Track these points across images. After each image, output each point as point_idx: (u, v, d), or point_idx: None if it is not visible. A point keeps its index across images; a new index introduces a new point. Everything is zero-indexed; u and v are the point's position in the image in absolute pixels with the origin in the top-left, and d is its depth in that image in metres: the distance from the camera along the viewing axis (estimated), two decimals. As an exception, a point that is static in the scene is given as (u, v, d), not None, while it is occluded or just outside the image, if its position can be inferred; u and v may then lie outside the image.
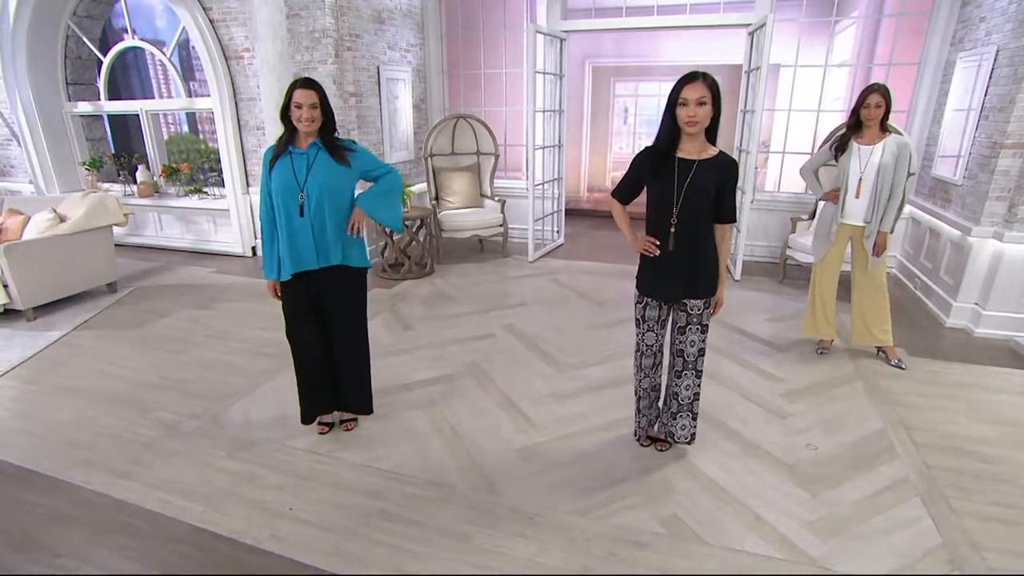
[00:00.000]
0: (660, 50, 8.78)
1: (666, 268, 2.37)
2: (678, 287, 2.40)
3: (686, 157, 2.25)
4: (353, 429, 2.96)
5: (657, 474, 2.60)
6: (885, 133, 3.33)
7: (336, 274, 2.67)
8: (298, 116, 2.45)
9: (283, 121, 2.53)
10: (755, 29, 5.07)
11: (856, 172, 3.37)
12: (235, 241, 6.18)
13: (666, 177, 2.27)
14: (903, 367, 3.58)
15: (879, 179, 3.31)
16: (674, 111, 2.20)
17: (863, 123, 3.33)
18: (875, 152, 3.32)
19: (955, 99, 4.71)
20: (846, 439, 2.84)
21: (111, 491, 2.52)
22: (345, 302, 2.75)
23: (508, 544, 2.20)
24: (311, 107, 2.45)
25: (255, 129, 5.79)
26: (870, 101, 3.25)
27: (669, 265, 2.36)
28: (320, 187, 2.53)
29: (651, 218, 2.38)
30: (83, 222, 4.70)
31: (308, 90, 2.45)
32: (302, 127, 2.47)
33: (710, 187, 2.25)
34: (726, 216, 2.34)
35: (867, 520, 2.30)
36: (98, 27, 6.78)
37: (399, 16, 6.00)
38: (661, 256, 2.35)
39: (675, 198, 2.26)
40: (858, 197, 3.40)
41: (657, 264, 2.38)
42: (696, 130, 2.18)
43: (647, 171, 2.33)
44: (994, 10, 4.30)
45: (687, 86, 2.16)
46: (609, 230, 7.76)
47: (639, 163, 2.36)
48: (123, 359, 3.82)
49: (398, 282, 5.33)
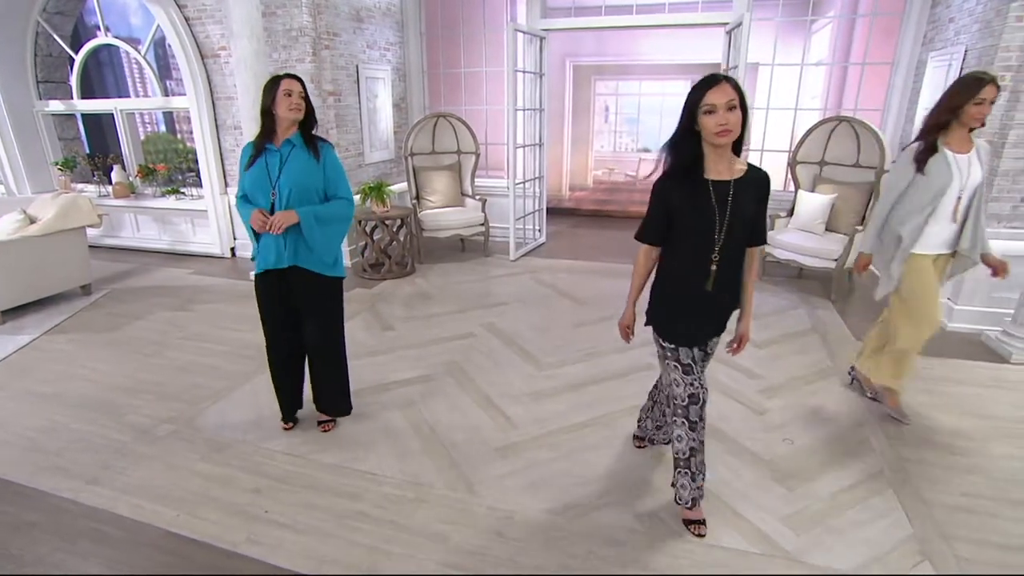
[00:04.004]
0: (639, 49, 8.84)
1: (700, 309, 2.05)
2: (710, 328, 2.11)
3: (718, 178, 1.90)
4: (331, 430, 2.93)
5: (636, 472, 2.60)
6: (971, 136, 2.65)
7: (308, 278, 2.64)
8: (289, 103, 2.47)
9: (263, 116, 2.52)
10: (732, 28, 5.11)
11: (956, 189, 2.60)
12: (213, 242, 6.09)
13: (703, 207, 1.90)
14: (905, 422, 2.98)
15: (977, 195, 2.63)
16: (692, 123, 1.84)
17: (962, 124, 2.56)
18: (972, 162, 2.60)
19: (927, 98, 4.79)
20: (822, 434, 2.88)
21: (80, 497, 2.47)
22: (316, 310, 2.72)
23: (485, 543, 2.19)
24: (300, 95, 2.50)
25: (232, 128, 5.71)
26: (985, 95, 2.45)
27: (703, 305, 2.03)
28: (291, 185, 2.52)
29: (682, 258, 2.01)
30: (54, 223, 4.60)
31: (294, 80, 2.50)
32: (291, 115, 2.48)
33: (750, 210, 1.93)
34: (759, 238, 2.04)
35: (842, 513, 2.33)
36: (69, 24, 6.63)
37: (378, 14, 5.96)
38: (694, 296, 2.01)
39: (717, 230, 1.91)
40: (954, 221, 2.68)
41: (688, 305, 2.04)
42: (729, 140, 1.82)
43: (679, 202, 1.93)
44: (962, 11, 4.38)
45: (712, 90, 1.78)
46: (590, 228, 7.80)
47: (664, 194, 1.96)
48: (96, 363, 3.74)
49: (378, 282, 5.29)
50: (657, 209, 1.99)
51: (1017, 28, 3.71)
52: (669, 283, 2.09)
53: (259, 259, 2.62)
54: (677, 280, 2.05)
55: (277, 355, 2.81)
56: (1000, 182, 3.92)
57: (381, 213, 5.23)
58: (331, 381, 2.88)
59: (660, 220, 2.00)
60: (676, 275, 2.05)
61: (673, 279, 2.06)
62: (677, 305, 2.07)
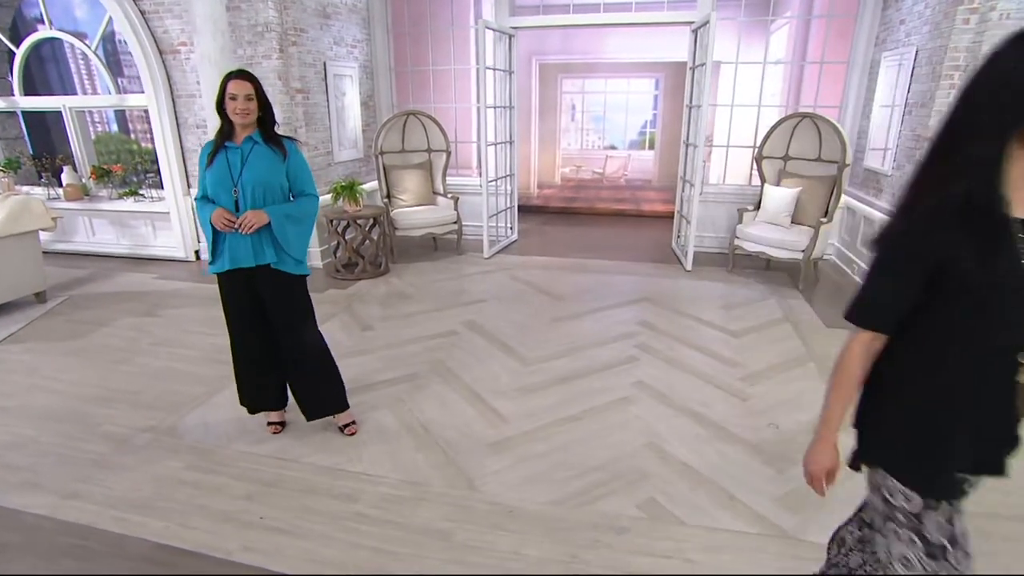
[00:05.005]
0: (605, 47, 8.96)
1: (989, 437, 1.24)
2: (993, 466, 1.28)
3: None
4: (355, 432, 2.86)
5: (630, 461, 2.65)
6: None
7: (273, 276, 2.57)
8: (233, 108, 2.37)
9: (219, 114, 2.44)
10: (699, 27, 5.25)
11: None
12: (176, 245, 5.85)
13: (1007, 262, 1.09)
14: None
15: None
16: (1004, 133, 1.05)
17: None
18: None
19: (881, 95, 5.04)
20: (804, 418, 2.99)
21: (58, 513, 2.34)
22: (285, 308, 2.64)
23: (490, 538, 2.19)
24: (246, 98, 2.37)
25: (195, 127, 5.51)
26: None
27: (994, 432, 1.24)
28: (254, 182, 2.46)
29: (965, 353, 1.17)
30: (4, 226, 4.33)
31: (242, 80, 2.38)
32: (237, 119, 2.40)
33: None
34: None
35: (831, 492, 2.41)
36: (8, 16, 6.26)
37: (344, 11, 5.85)
38: (984, 416, 1.21)
39: None
40: None
41: (972, 433, 1.21)
42: None
43: (964, 255, 1.08)
44: (912, 13, 4.62)
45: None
46: (559, 225, 7.85)
47: (934, 245, 1.10)
48: (60, 372, 3.55)
49: (353, 282, 5.20)
50: (909, 270, 1.15)
51: (964, 30, 3.94)
52: (935, 398, 1.22)
53: (222, 258, 2.51)
54: (954, 392, 1.20)
55: (248, 354, 2.73)
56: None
57: (353, 212, 5.14)
58: (324, 379, 2.80)
59: (911, 289, 1.16)
60: (952, 383, 1.20)
61: (944, 390, 1.21)
62: (950, 434, 1.22)
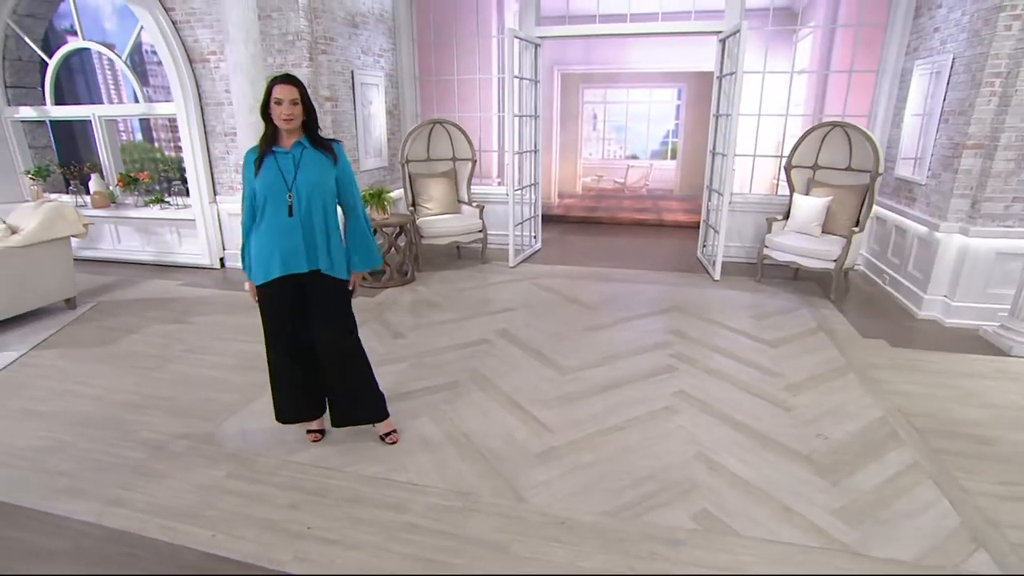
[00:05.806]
0: (627, 57, 8.97)
1: None
2: None
3: None
4: (397, 441, 2.83)
5: (679, 471, 2.59)
6: None
7: (326, 282, 2.57)
8: (278, 112, 2.36)
9: (264, 118, 2.42)
10: (727, 36, 5.23)
11: None
12: (202, 252, 5.87)
13: None
14: None
15: None
16: None
17: None
18: None
19: (913, 104, 4.98)
20: (852, 428, 2.92)
21: (104, 520, 2.31)
22: (334, 312, 2.63)
23: (545, 550, 2.13)
24: (291, 103, 2.36)
25: (223, 135, 5.54)
26: None
27: None
28: (310, 185, 2.44)
29: None
30: (39, 233, 4.36)
31: (288, 85, 2.36)
32: (282, 124, 2.38)
33: None
34: None
35: (889, 505, 2.35)
36: (41, 27, 6.36)
37: (372, 20, 5.89)
38: None
39: None
40: None
41: None
42: None
43: None
44: (947, 21, 4.58)
45: None
46: (580, 235, 7.83)
47: None
48: (92, 378, 3.54)
49: (380, 290, 5.18)
50: None
51: (1006, 36, 3.89)
52: None
53: (271, 264, 2.47)
54: None
55: (291, 362, 2.68)
56: (992, 183, 4.08)
57: (381, 220, 5.14)
58: (363, 388, 2.77)
59: None
60: None
61: None
62: None
